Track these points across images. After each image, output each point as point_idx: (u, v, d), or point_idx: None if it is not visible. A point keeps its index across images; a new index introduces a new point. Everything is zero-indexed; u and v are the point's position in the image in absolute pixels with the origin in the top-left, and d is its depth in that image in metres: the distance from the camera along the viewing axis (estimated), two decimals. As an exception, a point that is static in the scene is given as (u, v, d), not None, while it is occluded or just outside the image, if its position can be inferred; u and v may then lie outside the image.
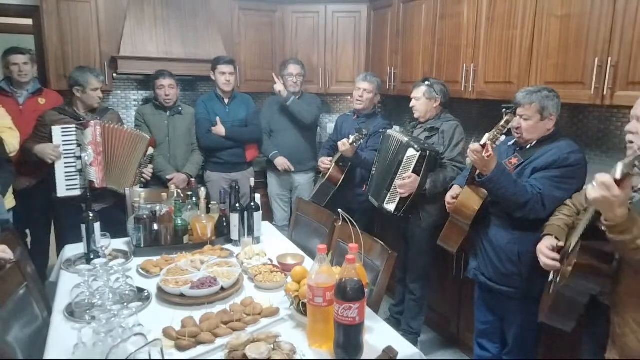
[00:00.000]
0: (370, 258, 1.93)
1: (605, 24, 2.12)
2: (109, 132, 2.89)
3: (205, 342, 1.48)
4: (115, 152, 2.92)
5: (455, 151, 2.66)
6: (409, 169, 2.59)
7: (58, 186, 2.82)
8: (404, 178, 2.60)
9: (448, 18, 3.10)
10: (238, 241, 2.40)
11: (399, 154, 2.65)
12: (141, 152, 3.01)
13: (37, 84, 3.27)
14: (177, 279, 1.85)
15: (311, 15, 4.16)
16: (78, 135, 2.84)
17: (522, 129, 2.07)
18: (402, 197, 2.63)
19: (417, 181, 2.58)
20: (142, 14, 3.66)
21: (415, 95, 2.80)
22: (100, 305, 1.54)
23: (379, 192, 2.80)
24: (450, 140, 2.68)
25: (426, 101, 2.76)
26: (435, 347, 3.02)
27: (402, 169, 2.62)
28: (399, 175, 2.64)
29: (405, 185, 2.59)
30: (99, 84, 2.99)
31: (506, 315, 2.22)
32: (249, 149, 3.63)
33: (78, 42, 3.53)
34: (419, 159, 2.55)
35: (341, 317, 1.37)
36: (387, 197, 2.73)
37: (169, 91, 3.29)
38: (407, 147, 2.60)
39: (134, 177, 2.99)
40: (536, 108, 2.03)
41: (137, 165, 3.00)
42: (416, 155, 2.56)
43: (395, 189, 2.66)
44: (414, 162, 2.57)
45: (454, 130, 2.69)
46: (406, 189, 2.60)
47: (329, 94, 4.29)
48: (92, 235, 2.11)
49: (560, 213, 1.88)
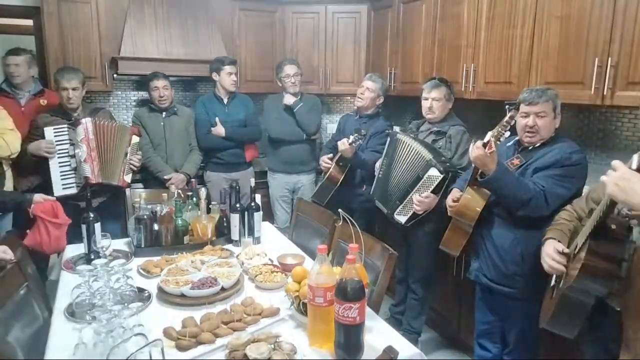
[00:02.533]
0: (371, 258, 1.93)
1: (605, 24, 2.12)
2: (99, 128, 2.91)
3: (206, 342, 1.48)
4: (106, 147, 2.94)
5: (462, 160, 2.60)
6: (429, 188, 2.50)
7: (54, 186, 2.83)
8: (422, 196, 2.52)
9: (448, 18, 3.11)
10: (238, 241, 2.40)
11: (419, 170, 2.55)
12: (126, 142, 3.02)
13: (38, 85, 3.27)
14: (177, 279, 1.85)
15: (311, 15, 4.16)
16: (70, 134, 2.84)
17: (538, 127, 2.04)
18: (416, 213, 2.59)
19: (436, 201, 2.52)
20: (143, 14, 3.66)
21: (436, 96, 2.69)
22: (100, 306, 1.54)
23: (389, 200, 2.76)
24: (457, 146, 2.63)
25: (446, 103, 2.72)
26: (435, 347, 3.02)
27: (420, 186, 2.54)
28: (416, 190, 2.56)
29: (423, 203, 2.53)
30: (67, 83, 2.89)
31: (507, 316, 2.22)
32: (249, 149, 3.63)
33: (78, 43, 3.53)
34: (442, 180, 2.46)
35: (342, 317, 1.36)
36: (399, 208, 2.68)
37: (163, 92, 3.30)
38: (430, 166, 2.49)
39: (122, 167, 3.00)
40: (551, 105, 2.04)
41: (123, 155, 3.01)
42: (439, 178, 2.46)
43: (410, 203, 2.60)
44: (436, 183, 2.47)
45: (461, 136, 2.65)
46: (423, 207, 2.54)
47: (329, 94, 4.29)
48: (93, 235, 2.11)
49: (561, 218, 1.87)
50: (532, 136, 2.07)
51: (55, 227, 2.24)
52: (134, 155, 3.08)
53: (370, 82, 3.20)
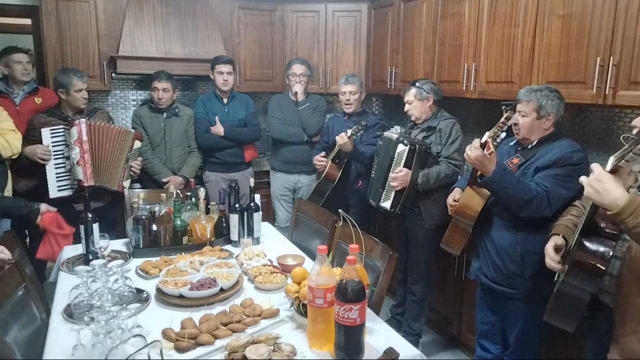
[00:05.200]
0: (371, 259, 1.92)
1: (607, 23, 2.11)
2: (96, 129, 2.88)
3: (205, 344, 1.47)
4: (103, 149, 2.91)
5: (451, 148, 2.67)
6: (400, 163, 2.63)
7: (50, 188, 2.82)
8: (394, 171, 2.63)
9: (449, 17, 3.09)
10: (238, 242, 2.39)
11: (390, 151, 2.69)
12: (128, 147, 3.00)
13: (33, 83, 3.26)
14: (176, 280, 1.84)
15: (311, 14, 4.15)
16: (66, 135, 2.83)
17: (519, 125, 2.09)
18: (397, 193, 2.65)
19: (409, 175, 2.61)
20: (141, 13, 3.64)
21: (407, 99, 2.82)
22: (99, 307, 1.53)
23: (376, 192, 2.82)
24: (447, 138, 2.69)
25: (419, 103, 2.78)
26: (436, 348, 3.01)
27: (394, 165, 2.67)
28: (391, 171, 2.67)
29: (397, 178, 2.62)
30: (83, 84, 2.96)
31: (508, 316, 2.21)
32: (248, 149, 3.62)
33: (77, 42, 3.52)
34: (409, 152, 2.60)
35: (342, 318, 1.35)
36: (382, 195, 2.75)
37: (162, 95, 3.28)
38: (397, 143, 2.65)
39: (122, 172, 2.98)
40: (533, 106, 2.04)
41: (124, 160, 2.99)
42: (405, 150, 2.60)
43: (389, 185, 2.69)
44: (405, 157, 2.61)
45: (450, 127, 2.70)
46: (398, 182, 2.63)
47: (329, 93, 4.27)
48: (91, 236, 2.10)
49: (569, 213, 1.87)
50: (517, 134, 2.14)
51: (63, 237, 2.25)
52: (134, 161, 3.07)
53: (350, 86, 3.27)
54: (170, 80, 3.31)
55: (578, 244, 1.49)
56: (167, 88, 3.29)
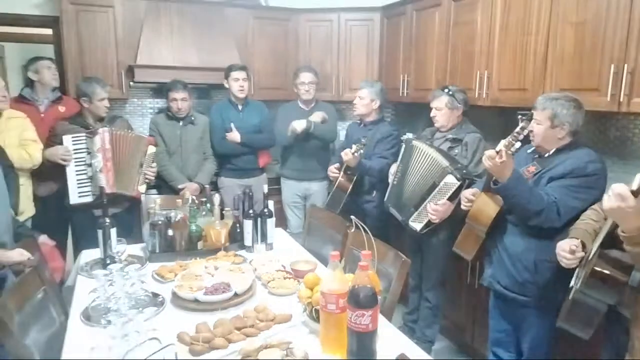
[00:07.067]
0: (384, 265, 1.93)
1: (621, 30, 2.09)
2: (116, 138, 2.96)
3: (219, 348, 1.49)
4: (122, 157, 2.98)
5: (478, 168, 2.56)
6: (445, 195, 2.50)
7: (70, 193, 2.88)
8: (437, 204, 2.52)
9: (461, 25, 3.10)
10: (251, 247, 2.41)
11: (435, 177, 2.54)
12: (142, 152, 3.05)
13: (57, 91, 3.35)
14: (191, 284, 1.87)
15: (324, 23, 4.19)
16: (88, 143, 2.89)
17: (534, 132, 2.07)
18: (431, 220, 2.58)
19: (451, 209, 2.51)
20: (159, 23, 3.72)
21: (436, 105, 2.73)
22: (115, 310, 1.56)
23: (404, 207, 2.75)
24: (474, 154, 2.61)
25: (448, 111, 2.71)
26: (449, 355, 2.99)
27: (436, 193, 2.54)
28: (432, 198, 2.56)
29: (438, 212, 2.53)
30: (105, 93, 3.04)
31: (521, 324, 2.19)
32: (262, 155, 3.66)
33: (96, 52, 3.60)
34: (458, 188, 2.44)
35: (354, 324, 1.36)
36: (413, 215, 2.68)
37: (182, 104, 3.33)
38: (447, 173, 2.48)
39: (137, 178, 3.04)
40: (548, 114, 2.02)
41: (138, 165, 3.04)
42: (456, 185, 2.45)
43: (425, 210, 2.60)
44: (452, 190, 2.47)
45: (477, 143, 2.63)
46: (438, 216, 2.54)
47: (342, 101, 4.30)
48: (108, 240, 2.14)
49: (588, 218, 1.84)
50: (533, 141, 2.11)
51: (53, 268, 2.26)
52: (149, 168, 3.11)
53: (360, 90, 3.26)
54: (187, 89, 3.37)
55: (599, 254, 1.47)
56: (185, 97, 3.35)
